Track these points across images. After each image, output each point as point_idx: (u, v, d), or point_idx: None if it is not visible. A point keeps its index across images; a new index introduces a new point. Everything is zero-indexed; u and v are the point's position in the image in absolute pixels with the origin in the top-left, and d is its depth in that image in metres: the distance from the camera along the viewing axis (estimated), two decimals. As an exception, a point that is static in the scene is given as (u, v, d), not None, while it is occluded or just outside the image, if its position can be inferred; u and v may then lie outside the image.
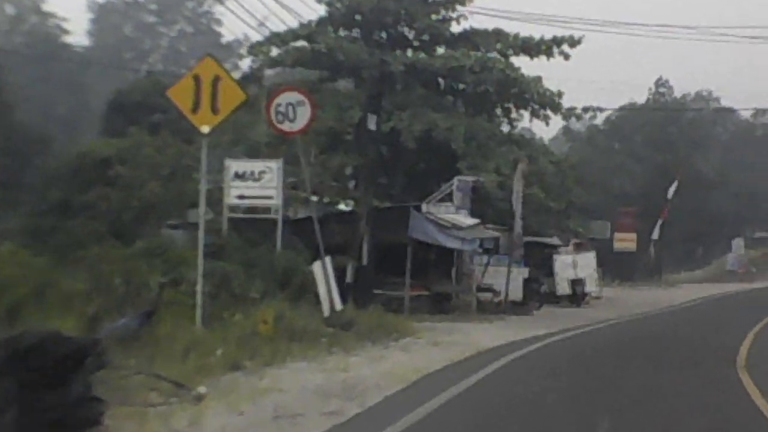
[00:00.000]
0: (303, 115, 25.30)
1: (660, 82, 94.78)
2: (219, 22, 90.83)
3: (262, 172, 27.32)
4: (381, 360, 20.21)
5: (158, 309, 18.34)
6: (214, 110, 19.42)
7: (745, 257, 78.60)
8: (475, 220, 37.66)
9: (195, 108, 19.44)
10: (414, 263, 33.88)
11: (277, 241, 27.13)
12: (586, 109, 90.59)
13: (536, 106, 46.99)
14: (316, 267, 24.83)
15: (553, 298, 42.74)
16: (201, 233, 19.67)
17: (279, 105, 25.36)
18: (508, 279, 37.43)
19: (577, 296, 42.97)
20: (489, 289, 37.47)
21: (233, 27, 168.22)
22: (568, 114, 46.69)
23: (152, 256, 23.21)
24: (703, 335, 28.59)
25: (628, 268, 66.77)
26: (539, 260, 44.15)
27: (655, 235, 68.60)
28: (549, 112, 46.94)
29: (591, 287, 43.28)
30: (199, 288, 19.27)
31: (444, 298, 36.29)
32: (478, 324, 31.48)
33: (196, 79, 19.44)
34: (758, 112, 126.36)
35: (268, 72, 48.60)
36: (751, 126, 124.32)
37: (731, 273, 76.22)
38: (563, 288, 42.92)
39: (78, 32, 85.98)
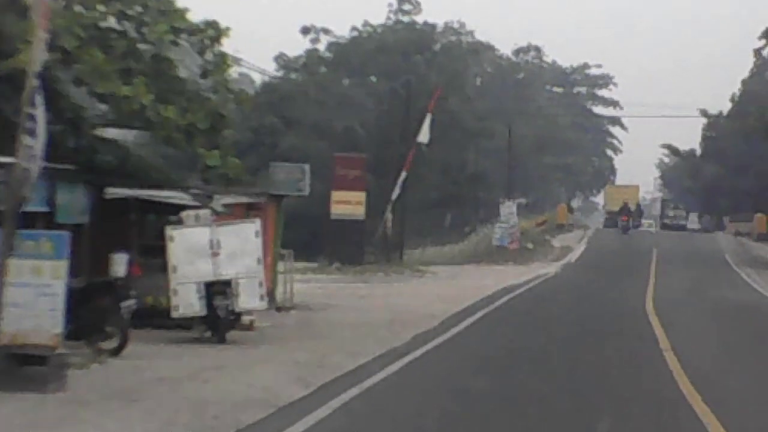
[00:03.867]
0: None
1: (404, -4, 72.26)
2: None
3: None
4: None
5: None
6: None
7: (516, 228, 56.95)
8: None
9: None
10: None
11: None
12: (306, 30, 68.07)
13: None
14: None
15: (167, 322, 19.54)
16: None
17: None
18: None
19: (221, 321, 19.45)
20: None
21: None
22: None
23: None
24: None
25: (355, 245, 43.90)
26: (153, 241, 20.93)
27: (396, 194, 45.61)
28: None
29: (250, 300, 19.55)
30: None
31: None
32: None
33: None
34: (521, 50, 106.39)
35: None
36: (514, 66, 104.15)
37: (499, 250, 54.57)
38: (186, 303, 19.27)
39: None
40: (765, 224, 68.92)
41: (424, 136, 44.68)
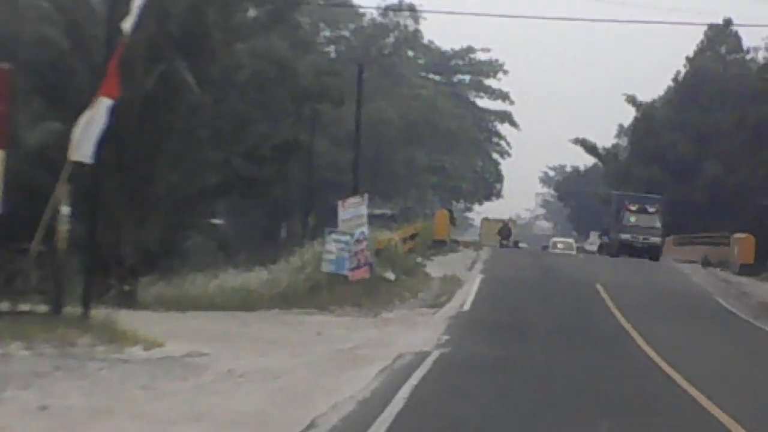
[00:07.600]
0: None
1: None
2: None
3: None
4: None
5: None
6: None
7: (366, 244, 31.91)
8: None
9: None
10: None
11: None
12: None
13: None
14: None
15: None
16: None
17: None
18: None
19: None
20: None
21: None
22: None
23: None
24: None
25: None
26: None
27: (83, 153, 19.55)
28: None
29: None
30: None
31: None
32: None
33: None
34: (391, 8, 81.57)
35: None
36: (382, 29, 79.70)
37: (334, 281, 29.87)
38: None
39: None
40: (752, 251, 44.59)
41: (129, 20, 19.50)
